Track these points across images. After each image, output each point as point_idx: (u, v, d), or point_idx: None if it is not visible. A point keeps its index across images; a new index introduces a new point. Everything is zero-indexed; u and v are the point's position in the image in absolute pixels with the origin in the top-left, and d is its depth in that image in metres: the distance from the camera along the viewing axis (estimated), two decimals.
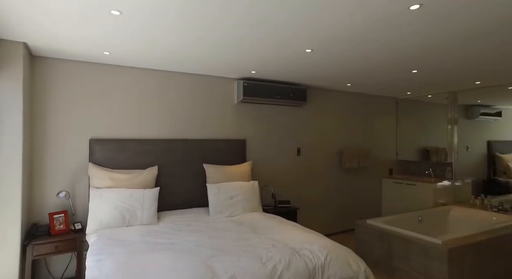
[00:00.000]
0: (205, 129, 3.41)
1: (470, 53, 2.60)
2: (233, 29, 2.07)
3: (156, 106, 3.14)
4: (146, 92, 3.09)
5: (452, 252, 2.57)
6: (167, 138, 3.17)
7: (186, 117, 3.30)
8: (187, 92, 3.31)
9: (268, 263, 1.85)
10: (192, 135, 3.33)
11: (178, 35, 2.18)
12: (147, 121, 3.10)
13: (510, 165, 4.47)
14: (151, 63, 2.92)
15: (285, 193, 3.92)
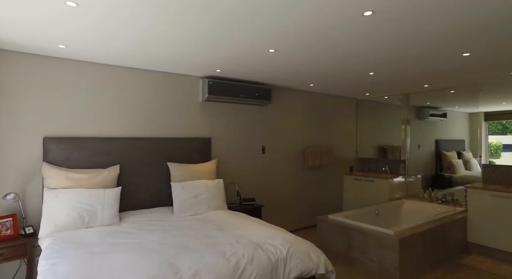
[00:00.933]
0: (170, 127, 3.36)
1: (417, 57, 2.82)
2: (196, 27, 2.08)
3: (118, 104, 3.04)
4: (107, 88, 2.98)
5: (403, 241, 2.79)
6: (129, 137, 3.08)
7: (149, 115, 3.23)
8: (150, 90, 3.24)
9: (231, 258, 1.89)
10: (156, 134, 3.26)
11: (139, 30, 2.13)
12: (108, 119, 2.98)
13: (453, 161, 4.91)
14: (111, 58, 2.82)
15: (250, 191, 3.98)
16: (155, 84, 3.27)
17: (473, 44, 2.42)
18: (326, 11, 1.82)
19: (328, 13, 1.85)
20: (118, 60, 2.87)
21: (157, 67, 3.15)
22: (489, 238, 3.45)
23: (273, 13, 1.85)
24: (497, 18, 1.93)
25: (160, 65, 3.07)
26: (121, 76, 3.06)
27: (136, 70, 3.16)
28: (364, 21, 1.96)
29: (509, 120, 4.32)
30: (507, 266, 3.21)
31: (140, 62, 2.95)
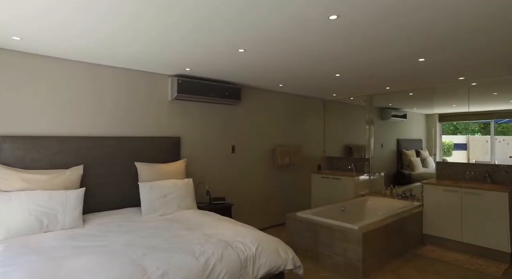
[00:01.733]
0: (137, 126, 3.27)
1: (378, 61, 2.99)
2: (163, 26, 2.05)
3: (82, 101, 2.90)
4: (68, 85, 2.84)
5: (366, 236, 2.94)
6: (94, 135, 2.96)
7: (116, 113, 3.12)
8: (117, 88, 3.13)
9: (201, 257, 1.89)
10: (122, 132, 3.16)
11: (104, 27, 2.06)
12: (72, 117, 2.85)
13: (412, 159, 5.24)
14: (75, 54, 2.69)
15: (220, 190, 3.98)
16: (122, 82, 3.17)
17: (427, 50, 2.61)
18: (292, 13, 1.88)
19: (294, 15, 1.91)
20: (82, 56, 2.74)
21: (124, 64, 3.05)
22: (440, 229, 3.73)
23: (239, 12, 1.88)
24: (450, 26, 2.10)
25: (127, 62, 2.98)
26: (85, 73, 2.93)
27: (102, 67, 3.04)
28: (330, 24, 2.05)
29: (459, 122, 4.69)
30: (455, 253, 3.50)
31: (107, 59, 2.84)
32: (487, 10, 1.83)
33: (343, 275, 2.96)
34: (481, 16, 1.91)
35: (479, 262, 3.27)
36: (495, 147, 4.14)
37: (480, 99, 3.89)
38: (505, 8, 1.80)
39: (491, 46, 2.51)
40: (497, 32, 2.19)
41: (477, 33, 2.21)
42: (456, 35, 2.24)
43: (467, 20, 1.98)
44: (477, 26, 2.07)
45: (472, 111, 3.99)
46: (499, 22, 2.01)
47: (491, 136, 4.28)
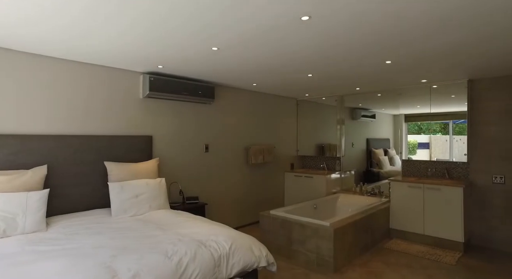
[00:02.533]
0: (108, 124, 3.15)
1: (349, 62, 3.10)
2: (135, 21, 2.00)
3: (46, 98, 2.75)
4: (31, 81, 2.68)
5: (337, 232, 3.04)
6: (60, 134, 2.82)
7: (85, 111, 2.99)
8: (85, 84, 3.00)
9: (173, 257, 1.87)
10: (91, 131, 3.04)
11: (73, 21, 1.97)
12: (33, 114, 2.69)
13: (380, 158, 5.48)
14: (39, 48, 2.54)
15: (193, 189, 3.94)
16: (92, 78, 3.05)
17: (394, 53, 2.74)
18: (265, 13, 1.91)
19: (267, 15, 1.93)
20: (47, 50, 2.60)
21: (93, 60, 2.93)
22: (405, 223, 3.94)
23: (213, 11, 1.87)
24: (414, 30, 2.23)
25: (96, 58, 2.86)
26: (51, 68, 2.78)
27: (70, 62, 2.90)
28: (302, 25, 2.10)
29: (423, 122, 4.97)
30: (417, 245, 3.72)
31: (75, 54, 2.72)
32: (439, 17, 1.96)
33: (316, 270, 3.04)
34: (434, 23, 2.04)
35: (438, 252, 3.50)
36: (453, 145, 4.43)
37: (440, 101, 4.15)
38: (455, 17, 1.93)
39: (446, 52, 2.69)
40: (449, 39, 2.35)
41: (430, 39, 2.36)
42: (414, 39, 2.38)
43: (421, 27, 2.11)
44: (429, 33, 2.21)
45: (434, 112, 4.24)
46: (450, 29, 2.16)
47: (449, 136, 4.57)
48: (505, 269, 3.12)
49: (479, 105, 3.86)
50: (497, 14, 1.91)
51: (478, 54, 2.78)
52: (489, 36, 2.31)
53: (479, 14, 1.90)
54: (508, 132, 3.66)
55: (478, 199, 3.83)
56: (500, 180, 3.68)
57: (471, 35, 2.28)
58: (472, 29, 2.16)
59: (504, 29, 2.15)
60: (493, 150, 3.75)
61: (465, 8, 1.82)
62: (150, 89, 3.31)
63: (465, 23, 2.05)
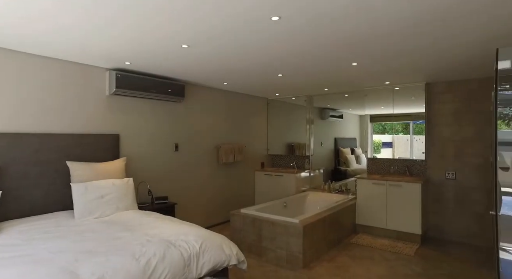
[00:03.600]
0: (70, 122, 3.00)
1: (317, 63, 3.19)
2: (98, 13, 1.93)
3: (1, 93, 2.56)
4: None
5: (306, 228, 3.12)
6: (14, 132, 2.64)
7: (45, 108, 2.82)
8: (46, 79, 2.83)
9: (141, 258, 1.83)
10: (52, 129, 2.87)
11: (31, 12, 1.86)
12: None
13: (347, 157, 5.70)
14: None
15: (163, 189, 3.86)
16: (52, 74, 2.88)
17: (359, 55, 2.87)
18: (236, 12, 1.92)
19: (238, 14, 1.95)
20: (7, 42, 2.42)
21: (56, 54, 2.77)
22: (369, 218, 4.13)
23: (183, 8, 1.86)
24: (378, 36, 2.35)
25: (58, 52, 2.71)
26: (9, 61, 2.59)
27: (29, 56, 2.72)
28: (272, 25, 2.13)
29: (386, 122, 5.24)
30: (381, 239, 3.92)
31: (34, 47, 2.55)
32: (401, 25, 2.09)
33: (285, 267, 3.10)
34: (396, 30, 2.17)
35: (399, 245, 3.72)
36: (413, 144, 4.72)
37: (402, 102, 4.39)
38: (416, 24, 2.07)
39: (407, 57, 2.86)
40: (409, 46, 2.51)
41: (392, 45, 2.51)
42: (377, 44, 2.51)
43: (385, 33, 2.23)
44: (391, 39, 2.35)
45: (396, 113, 4.49)
46: (412, 36, 2.31)
47: (410, 135, 4.86)
48: (456, 257, 3.39)
49: (435, 106, 4.14)
50: (453, 26, 2.07)
51: (434, 60, 2.99)
52: (445, 45, 2.49)
53: (437, 25, 2.05)
54: (459, 132, 3.96)
55: (434, 194, 4.12)
56: (452, 176, 3.99)
57: (429, 43, 2.45)
58: (430, 38, 2.32)
59: (460, 40, 2.34)
60: (446, 148, 4.05)
61: (424, 19, 1.95)
62: (117, 86, 3.19)
63: (426, 31, 2.19)
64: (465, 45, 2.53)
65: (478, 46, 2.57)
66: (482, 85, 3.81)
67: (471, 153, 3.88)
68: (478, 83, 3.84)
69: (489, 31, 2.22)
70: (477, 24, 2.08)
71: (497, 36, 2.31)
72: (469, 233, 3.88)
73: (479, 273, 3.01)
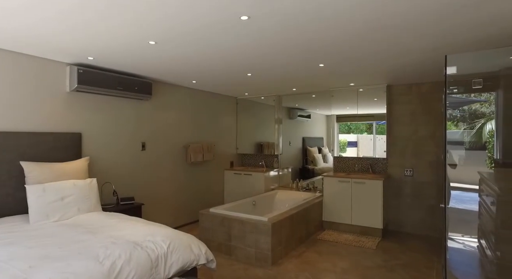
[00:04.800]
0: (25, 119, 2.80)
1: (285, 63, 3.26)
2: (58, 4, 1.83)
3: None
4: None
5: (274, 226, 3.18)
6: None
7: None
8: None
9: (106, 261, 1.76)
10: (4, 127, 2.67)
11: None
12: None
13: (315, 156, 5.87)
14: None
15: (129, 189, 3.73)
16: (4, 66, 2.67)
17: (325, 57, 2.97)
18: (202, 10, 1.91)
19: (205, 12, 1.94)
20: None
21: (8, 46, 2.58)
22: (335, 215, 4.30)
23: (146, 2, 1.82)
24: (343, 39, 2.45)
25: (12, 44, 2.53)
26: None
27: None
28: (241, 25, 2.15)
29: (352, 122, 5.47)
30: (346, 234, 4.10)
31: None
32: (365, 30, 2.21)
33: (255, 265, 3.14)
34: (360, 34, 2.29)
35: (362, 239, 3.90)
36: (376, 144, 4.97)
37: (366, 103, 4.61)
38: (378, 30, 2.20)
39: (370, 60, 3.02)
40: (372, 50, 2.66)
41: (353, 47, 2.64)
42: (343, 47, 2.63)
43: (349, 36, 2.34)
44: (355, 43, 2.47)
45: (360, 113, 4.70)
46: (374, 41, 2.44)
47: (373, 135, 5.11)
48: (411, 248, 3.64)
49: (395, 107, 4.40)
50: (405, 35, 2.22)
51: (391, 64, 3.18)
52: (399, 51, 2.66)
53: (390, 32, 2.19)
54: (416, 132, 4.25)
55: (393, 190, 4.37)
56: (409, 172, 4.26)
57: (385, 48, 2.60)
58: (385, 44, 2.46)
59: (414, 47, 2.51)
60: (405, 147, 4.32)
61: (378, 26, 2.07)
62: (79, 82, 3.04)
63: (381, 37, 2.33)
64: (418, 51, 2.72)
65: (429, 53, 2.77)
66: (435, 88, 4.11)
67: (426, 151, 4.17)
68: (432, 86, 4.13)
69: (438, 40, 2.41)
70: (428, 33, 2.25)
71: (446, 44, 2.52)
72: (423, 225, 4.18)
73: (431, 261, 3.26)
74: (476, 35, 2.32)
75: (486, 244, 3.23)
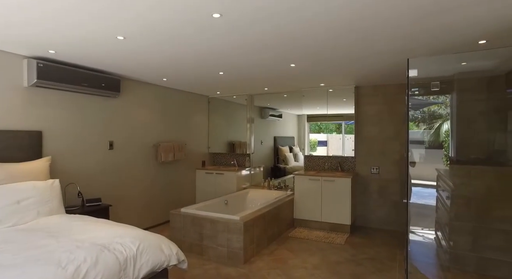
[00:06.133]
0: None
1: (257, 63, 3.28)
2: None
3: None
4: None
5: (246, 225, 3.19)
6: None
7: None
8: None
9: (69, 266, 1.67)
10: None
11: None
12: None
13: (286, 155, 5.97)
14: None
15: (96, 190, 3.57)
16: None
17: (297, 57, 3.03)
18: (174, 5, 1.88)
19: (177, 8, 1.90)
20: None
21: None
22: (306, 212, 4.40)
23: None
24: (314, 40, 2.51)
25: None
26: None
27: None
28: (213, 23, 2.13)
29: (322, 122, 5.62)
30: (317, 231, 4.21)
31: None
32: (334, 34, 2.28)
33: (226, 264, 3.13)
34: (330, 36, 2.37)
35: (332, 236, 4.03)
36: (345, 143, 5.15)
37: (335, 103, 4.76)
38: (344, 35, 2.28)
39: (339, 61, 3.13)
40: (337, 50, 2.75)
41: (323, 48, 2.72)
42: (310, 47, 2.70)
43: (319, 39, 2.42)
44: (322, 44, 2.55)
45: (330, 113, 4.84)
46: (340, 45, 2.53)
47: (342, 135, 5.30)
48: (377, 242, 3.82)
49: (363, 108, 4.58)
50: (370, 38, 2.32)
51: (358, 66, 3.31)
52: (372, 52, 2.78)
53: (352, 36, 2.28)
54: (382, 131, 4.46)
55: (361, 187, 4.56)
56: (376, 170, 4.46)
57: (352, 50, 2.71)
58: (353, 46, 2.57)
59: (381, 49, 2.63)
60: (372, 146, 4.52)
61: (353, 30, 2.16)
62: (38, 77, 2.85)
63: (356, 39, 2.42)
64: (385, 53, 2.85)
65: (394, 55, 2.92)
66: (399, 90, 4.33)
67: (391, 150, 4.39)
68: (396, 88, 4.36)
69: (402, 44, 2.55)
70: (392, 37, 2.37)
71: (409, 48, 2.67)
72: (388, 220, 4.40)
73: (394, 254, 3.44)
74: (436, 40, 2.48)
75: (442, 236, 3.48)
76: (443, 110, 5.51)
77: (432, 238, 3.68)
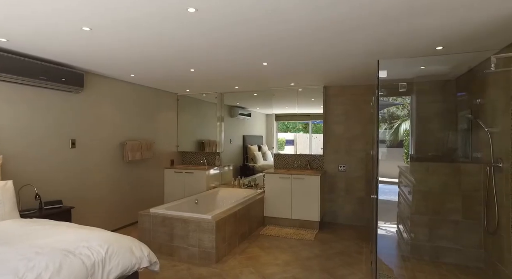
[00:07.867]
0: None
1: (230, 60, 3.26)
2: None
3: None
4: None
5: (218, 224, 3.16)
6: None
7: None
8: None
9: (28, 275, 1.54)
10: None
11: None
12: None
13: (255, 153, 6.00)
14: None
15: (57, 192, 3.32)
16: None
17: (269, 56, 3.06)
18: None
19: (150, 1, 1.84)
20: None
21: None
22: (276, 210, 4.46)
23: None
24: (290, 32, 2.54)
25: None
26: None
27: None
28: (187, 17, 2.08)
29: (289, 121, 5.72)
30: (287, 228, 4.28)
31: None
32: (306, 33, 2.34)
33: (198, 264, 3.08)
34: (302, 35, 2.42)
35: (302, 232, 4.13)
36: (312, 142, 5.29)
37: (304, 103, 4.87)
38: (314, 30, 2.35)
39: (309, 62, 3.21)
40: (307, 51, 2.83)
41: (294, 47, 2.78)
42: (282, 46, 2.74)
43: (289, 41, 2.46)
44: (293, 44, 2.61)
45: (299, 112, 4.95)
46: (314, 44, 2.60)
47: (309, 134, 5.43)
48: (345, 237, 3.97)
49: (331, 107, 4.74)
50: (339, 40, 2.41)
51: (328, 67, 3.42)
52: (341, 52, 2.88)
53: (321, 37, 2.36)
54: (349, 130, 4.64)
55: (329, 184, 4.71)
56: (343, 168, 4.64)
57: (329, 48, 2.79)
58: (323, 47, 2.65)
59: (350, 50, 2.74)
60: (339, 144, 4.68)
61: (331, 27, 2.22)
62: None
63: (317, 43, 2.49)
64: (354, 55, 2.98)
65: (361, 58, 3.05)
66: (364, 90, 4.54)
67: (357, 149, 4.59)
68: (362, 89, 4.56)
69: (371, 46, 2.67)
70: (361, 39, 2.48)
71: (378, 51, 2.81)
72: (354, 216, 4.59)
73: (361, 247, 3.61)
74: (403, 44, 2.63)
75: (403, 228, 3.72)
76: (400, 112, 5.86)
77: (394, 231, 3.92)
